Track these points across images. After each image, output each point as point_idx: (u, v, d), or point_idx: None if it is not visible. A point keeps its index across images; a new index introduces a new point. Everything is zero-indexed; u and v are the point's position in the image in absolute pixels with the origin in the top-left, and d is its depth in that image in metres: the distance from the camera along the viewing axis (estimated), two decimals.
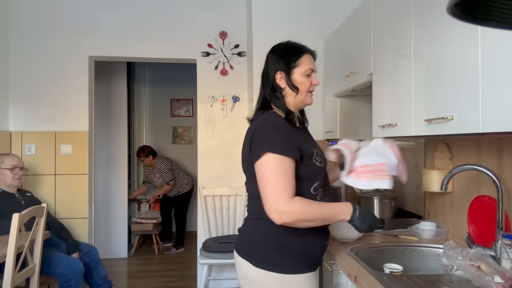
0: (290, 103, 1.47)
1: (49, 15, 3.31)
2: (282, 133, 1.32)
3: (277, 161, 1.27)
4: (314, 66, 1.48)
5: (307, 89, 1.46)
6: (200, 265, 3.22)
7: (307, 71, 1.45)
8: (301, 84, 1.44)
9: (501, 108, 1.07)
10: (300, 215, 1.27)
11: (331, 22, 2.97)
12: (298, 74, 1.44)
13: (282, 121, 1.40)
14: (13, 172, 2.79)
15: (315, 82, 1.47)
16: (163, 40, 3.42)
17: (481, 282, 1.22)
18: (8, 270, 2.09)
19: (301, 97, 1.46)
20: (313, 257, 1.43)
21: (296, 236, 1.36)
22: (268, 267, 1.35)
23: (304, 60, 1.45)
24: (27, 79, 3.28)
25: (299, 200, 1.28)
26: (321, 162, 1.42)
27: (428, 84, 1.46)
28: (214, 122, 3.45)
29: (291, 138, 1.34)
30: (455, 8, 0.47)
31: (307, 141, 1.44)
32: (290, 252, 1.37)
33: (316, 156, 1.40)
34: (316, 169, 1.39)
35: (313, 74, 1.47)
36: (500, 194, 1.42)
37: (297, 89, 1.44)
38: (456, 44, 1.28)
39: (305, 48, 1.48)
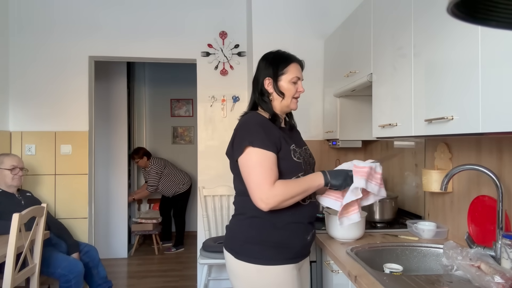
0: (277, 107, 1.60)
1: (49, 15, 3.31)
2: (261, 130, 1.47)
3: (258, 154, 1.43)
4: (301, 74, 1.61)
5: (292, 95, 1.59)
6: (200, 265, 3.22)
7: (293, 79, 1.58)
8: (287, 90, 1.58)
9: (501, 108, 1.07)
10: (283, 195, 1.41)
11: (331, 22, 2.97)
12: (285, 81, 1.57)
13: (264, 119, 1.55)
14: (13, 173, 2.79)
15: (301, 89, 1.60)
16: (163, 40, 3.42)
17: (481, 282, 1.22)
18: (8, 270, 2.09)
19: (287, 102, 1.59)
20: (292, 250, 1.51)
21: (275, 229, 1.49)
22: (248, 259, 1.48)
23: (291, 69, 1.58)
24: (27, 79, 3.28)
25: (279, 182, 1.43)
26: (299, 158, 1.53)
27: (428, 84, 1.46)
28: (214, 122, 3.45)
29: (270, 134, 1.48)
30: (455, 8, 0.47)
31: (289, 139, 1.56)
32: (268, 244, 1.48)
33: (295, 152, 1.53)
34: (294, 164, 1.51)
35: (299, 82, 1.60)
36: (500, 194, 1.42)
37: (283, 95, 1.58)
38: (456, 44, 1.28)
39: (293, 58, 1.61)
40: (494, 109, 1.10)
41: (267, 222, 1.49)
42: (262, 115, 1.58)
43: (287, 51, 1.65)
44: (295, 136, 1.70)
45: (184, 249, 5.01)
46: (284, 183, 1.44)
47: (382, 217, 2.17)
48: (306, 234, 1.56)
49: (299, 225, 1.53)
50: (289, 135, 1.63)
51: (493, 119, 1.11)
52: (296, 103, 1.62)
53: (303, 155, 1.58)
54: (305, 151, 1.63)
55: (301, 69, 1.63)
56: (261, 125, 1.50)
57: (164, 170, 4.90)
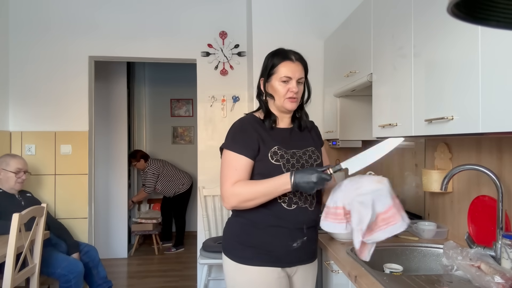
0: (273, 107, 1.58)
1: (49, 15, 3.31)
2: (239, 134, 1.50)
3: (229, 156, 1.49)
4: (294, 73, 1.51)
5: (283, 95, 1.52)
6: (200, 265, 3.22)
7: (283, 78, 1.51)
8: (277, 91, 1.53)
9: (501, 108, 1.07)
10: (243, 195, 1.43)
11: (331, 22, 2.97)
12: (275, 81, 1.53)
13: (249, 122, 1.54)
14: (17, 176, 2.78)
15: (294, 89, 1.51)
16: (163, 40, 3.42)
17: (481, 282, 1.22)
18: (8, 270, 2.09)
19: (279, 103, 1.54)
20: (272, 254, 1.48)
21: (255, 230, 1.49)
22: (230, 255, 1.53)
23: (281, 68, 1.52)
24: (27, 79, 3.28)
25: (240, 182, 1.45)
26: (279, 161, 1.48)
27: (428, 84, 1.46)
28: (214, 122, 3.45)
29: (248, 138, 1.49)
30: (455, 8, 0.47)
31: (274, 140, 1.51)
32: (248, 244, 1.50)
33: (275, 154, 1.48)
34: (271, 166, 1.47)
35: (291, 81, 1.51)
36: (500, 194, 1.42)
37: (271, 96, 1.55)
38: (456, 44, 1.28)
39: (286, 56, 1.54)
40: (494, 109, 1.10)
41: (249, 222, 1.50)
42: (255, 116, 1.58)
43: (291, 48, 1.59)
44: (296, 137, 1.60)
45: (184, 249, 5.01)
46: (245, 183, 1.44)
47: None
48: (291, 240, 1.49)
49: (281, 230, 1.48)
50: (283, 135, 1.57)
51: (493, 119, 1.11)
52: (292, 102, 1.53)
53: (291, 157, 1.50)
54: (302, 153, 1.55)
55: (300, 68, 1.54)
56: (242, 128, 1.52)
57: (162, 171, 4.89)
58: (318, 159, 1.58)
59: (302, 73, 1.55)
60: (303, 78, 1.56)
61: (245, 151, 1.47)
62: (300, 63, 1.55)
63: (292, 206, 1.49)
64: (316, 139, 1.67)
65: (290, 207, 1.48)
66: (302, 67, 1.55)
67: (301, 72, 1.54)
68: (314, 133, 1.68)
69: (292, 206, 1.49)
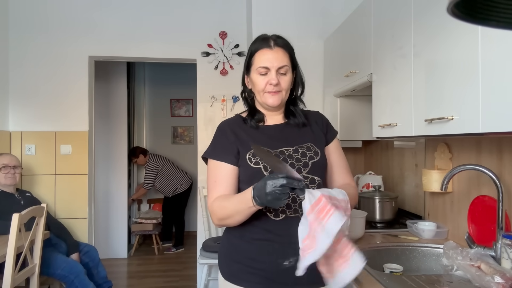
0: (258, 104, 1.38)
1: (49, 15, 3.31)
2: (220, 138, 1.34)
3: (209, 166, 1.34)
4: (272, 62, 1.28)
5: (261, 89, 1.30)
6: (200, 265, 3.22)
7: (260, 70, 1.29)
8: (255, 84, 1.32)
9: (501, 108, 1.07)
10: (220, 213, 1.23)
11: (331, 22, 2.97)
12: (253, 74, 1.32)
13: (232, 124, 1.36)
14: (3, 171, 2.78)
15: (272, 81, 1.27)
16: (163, 40, 3.42)
17: (481, 282, 1.22)
18: (8, 270, 2.09)
19: (259, 98, 1.33)
20: (259, 272, 1.24)
21: (242, 243, 1.29)
22: (220, 270, 1.37)
23: (257, 58, 1.32)
24: (27, 79, 3.28)
25: (218, 198, 1.26)
26: (258, 163, 1.24)
27: (428, 84, 1.46)
28: (214, 122, 3.45)
29: (230, 141, 1.30)
30: (455, 8, 0.47)
31: (257, 141, 1.28)
32: (233, 258, 1.30)
33: (253, 156, 1.25)
34: (251, 171, 1.24)
35: (270, 72, 1.28)
36: (500, 194, 1.42)
37: (250, 90, 1.37)
38: (456, 44, 1.27)
39: (265, 42, 1.32)
40: (494, 109, 1.10)
41: (237, 235, 1.30)
42: (241, 116, 1.40)
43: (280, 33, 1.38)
44: (289, 134, 1.34)
45: (184, 249, 5.01)
46: (221, 199, 1.25)
47: (382, 217, 2.17)
48: (282, 257, 1.22)
49: (269, 244, 1.24)
50: (271, 133, 1.34)
51: (493, 119, 1.11)
52: (274, 96, 1.29)
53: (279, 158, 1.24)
54: (293, 151, 1.29)
55: (280, 54, 1.29)
56: (220, 132, 1.35)
57: (162, 169, 4.90)
58: (316, 155, 1.29)
59: (285, 61, 1.30)
60: (287, 67, 1.30)
61: (224, 156, 1.28)
62: (281, 49, 1.30)
63: (279, 216, 1.24)
64: (318, 132, 1.37)
65: (278, 217, 1.24)
66: (285, 54, 1.31)
67: (283, 60, 1.29)
68: (318, 126, 1.39)
69: (279, 216, 1.24)
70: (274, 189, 1.02)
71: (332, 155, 1.38)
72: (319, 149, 1.32)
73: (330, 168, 1.36)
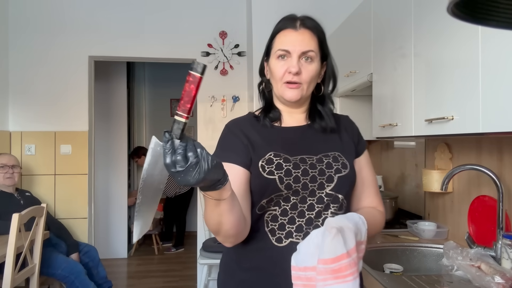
0: (276, 99, 1.14)
1: (49, 15, 3.31)
2: (229, 138, 1.08)
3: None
4: (294, 45, 1.05)
5: (279, 77, 1.06)
6: (200, 265, 3.22)
7: (279, 52, 1.06)
8: (272, 72, 1.09)
9: (501, 108, 1.07)
10: (207, 223, 0.92)
11: (331, 22, 2.96)
12: (272, 58, 1.09)
13: (242, 123, 1.11)
14: (2, 172, 2.78)
15: (291, 68, 1.03)
16: (163, 40, 3.42)
17: (481, 282, 1.22)
18: (7, 270, 2.09)
19: (276, 90, 1.09)
20: None
21: (239, 269, 1.05)
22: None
23: (278, 39, 1.09)
24: (27, 79, 3.28)
25: None
26: (274, 173, 0.99)
27: (428, 84, 1.46)
28: (214, 122, 3.45)
29: (241, 142, 1.05)
30: (455, 8, 0.47)
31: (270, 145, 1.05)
32: (228, 286, 1.09)
33: (269, 164, 1.01)
34: (263, 181, 1.00)
35: (290, 57, 1.05)
36: (501, 194, 1.42)
37: (269, 81, 1.13)
38: (456, 44, 1.27)
39: (290, 22, 1.12)
40: (494, 109, 1.10)
41: (233, 257, 1.07)
42: (254, 114, 1.16)
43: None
44: (312, 139, 1.10)
45: (184, 249, 5.01)
46: None
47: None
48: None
49: (268, 276, 1.00)
50: (289, 135, 1.09)
51: (493, 119, 1.11)
52: (292, 89, 1.05)
53: (295, 167, 1.01)
54: (316, 160, 1.04)
55: (306, 37, 1.07)
56: (229, 131, 1.10)
57: None
58: (344, 168, 1.04)
59: (311, 45, 1.06)
60: (313, 53, 1.05)
61: (234, 157, 1.02)
62: (308, 31, 1.08)
63: (283, 242, 0.99)
64: (348, 142, 1.12)
65: (281, 242, 0.99)
66: (313, 37, 1.08)
67: (309, 44, 1.05)
68: (348, 134, 1.14)
69: (283, 242, 0.99)
70: (166, 154, 0.70)
71: (362, 171, 1.12)
72: (348, 161, 1.06)
73: (356, 186, 1.10)
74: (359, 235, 0.89)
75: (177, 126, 0.72)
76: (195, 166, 0.70)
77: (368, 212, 1.05)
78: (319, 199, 1.02)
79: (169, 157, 0.70)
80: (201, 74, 0.75)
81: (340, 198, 1.03)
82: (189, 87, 0.76)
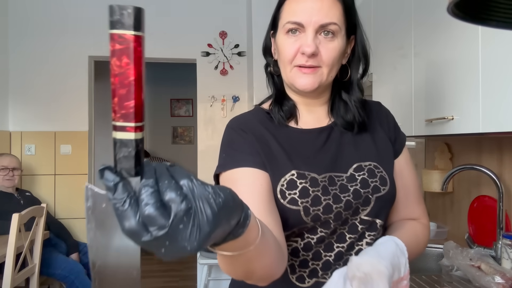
0: (286, 85, 0.86)
1: (49, 15, 3.31)
2: (236, 139, 0.81)
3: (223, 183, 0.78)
4: (310, 14, 0.75)
5: (288, 59, 0.78)
6: (200, 265, 3.22)
7: (287, 26, 0.78)
8: (280, 52, 0.81)
9: (501, 108, 1.07)
10: (231, 276, 0.66)
11: None
12: (280, 34, 0.81)
13: (252, 123, 0.83)
14: (2, 174, 2.78)
15: (305, 48, 0.75)
16: (163, 40, 3.42)
17: (481, 282, 1.22)
18: (7, 270, 2.09)
19: (284, 75, 0.82)
20: None
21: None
22: None
23: (286, 7, 0.80)
24: (27, 79, 3.28)
25: None
26: (295, 202, 0.73)
27: (428, 84, 1.46)
28: (214, 122, 3.45)
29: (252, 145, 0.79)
30: (455, 8, 0.47)
31: (305, 156, 0.79)
32: None
33: (288, 189, 0.74)
34: (280, 211, 0.74)
35: (303, 34, 0.76)
36: (501, 194, 1.42)
37: (276, 63, 0.85)
38: (456, 44, 1.27)
39: None
40: (494, 109, 1.10)
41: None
42: (263, 109, 0.87)
43: None
44: (338, 145, 0.82)
45: None
46: None
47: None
48: None
49: None
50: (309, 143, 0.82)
51: (493, 119, 1.11)
52: (307, 75, 0.77)
53: (324, 191, 0.76)
54: (348, 179, 0.78)
55: (327, 3, 0.75)
56: (234, 131, 0.83)
57: None
58: (384, 185, 0.79)
59: (334, 15, 0.76)
60: (336, 26, 0.76)
61: (249, 158, 0.77)
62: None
63: (306, 282, 0.77)
64: (384, 141, 0.86)
65: (303, 282, 0.77)
66: (336, 4, 0.77)
67: (329, 13, 0.75)
68: (383, 129, 0.87)
69: (306, 282, 0.77)
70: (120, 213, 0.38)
71: (402, 175, 0.86)
72: (387, 173, 0.81)
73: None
74: (397, 272, 0.68)
75: (125, 151, 0.40)
76: (188, 216, 0.37)
77: (409, 232, 0.82)
78: (352, 227, 0.78)
79: (128, 218, 0.36)
80: (136, 30, 0.35)
81: (378, 224, 0.79)
82: (119, 65, 0.39)
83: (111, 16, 0.35)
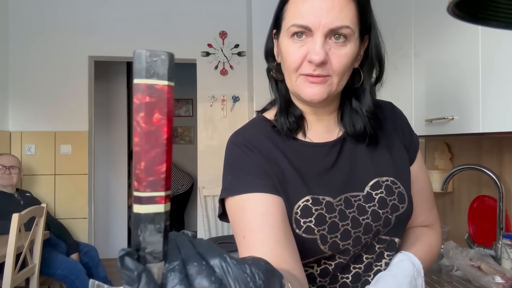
0: (291, 92, 0.77)
1: (49, 15, 3.31)
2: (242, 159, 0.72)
3: (230, 210, 0.70)
4: (320, 16, 0.65)
5: (293, 67, 0.69)
6: None
7: (292, 29, 0.68)
8: (283, 59, 0.71)
9: (501, 108, 1.07)
10: None
11: None
12: (283, 37, 0.71)
13: (257, 139, 0.74)
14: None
15: (312, 55, 0.65)
16: (163, 40, 3.42)
17: (481, 283, 1.22)
18: (7, 270, 2.09)
19: (289, 84, 0.73)
20: None
21: None
22: None
23: (291, 6, 0.69)
24: (26, 79, 3.28)
25: None
26: (311, 231, 0.68)
27: (428, 84, 1.46)
28: (214, 122, 3.45)
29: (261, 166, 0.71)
30: (456, 8, 0.47)
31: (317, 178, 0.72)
32: None
33: (303, 217, 0.68)
34: (298, 240, 0.68)
35: (310, 38, 0.67)
36: (501, 194, 1.42)
37: (279, 68, 0.76)
38: (456, 44, 1.27)
39: None
40: (494, 109, 1.10)
41: None
42: (266, 120, 0.78)
43: None
44: (351, 161, 0.76)
45: None
46: None
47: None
48: None
49: None
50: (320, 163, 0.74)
51: (493, 119, 1.11)
52: (315, 85, 0.68)
53: (341, 216, 0.70)
54: (364, 199, 0.72)
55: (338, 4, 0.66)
56: (240, 148, 0.73)
57: None
58: (402, 203, 0.74)
59: (347, 17, 0.67)
60: (349, 30, 0.67)
61: (260, 182, 0.68)
62: None
63: None
64: (399, 151, 0.79)
65: None
66: (349, 3, 0.68)
67: (341, 15, 0.66)
68: (397, 135, 0.82)
69: None
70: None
71: (417, 181, 0.81)
72: (405, 189, 0.75)
73: None
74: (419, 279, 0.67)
75: (151, 228, 0.31)
76: None
77: (425, 246, 0.79)
78: (370, 248, 0.73)
79: None
80: (170, 80, 0.31)
81: (397, 243, 0.75)
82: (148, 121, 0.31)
83: (139, 63, 0.30)
